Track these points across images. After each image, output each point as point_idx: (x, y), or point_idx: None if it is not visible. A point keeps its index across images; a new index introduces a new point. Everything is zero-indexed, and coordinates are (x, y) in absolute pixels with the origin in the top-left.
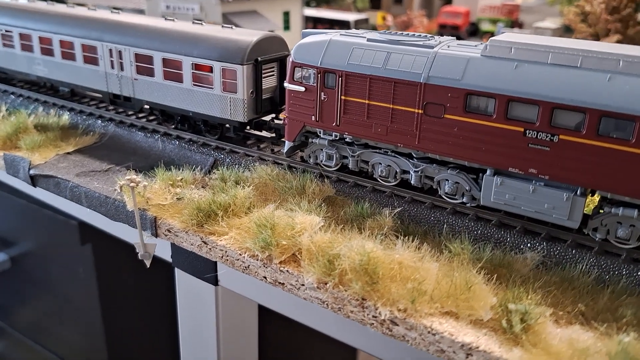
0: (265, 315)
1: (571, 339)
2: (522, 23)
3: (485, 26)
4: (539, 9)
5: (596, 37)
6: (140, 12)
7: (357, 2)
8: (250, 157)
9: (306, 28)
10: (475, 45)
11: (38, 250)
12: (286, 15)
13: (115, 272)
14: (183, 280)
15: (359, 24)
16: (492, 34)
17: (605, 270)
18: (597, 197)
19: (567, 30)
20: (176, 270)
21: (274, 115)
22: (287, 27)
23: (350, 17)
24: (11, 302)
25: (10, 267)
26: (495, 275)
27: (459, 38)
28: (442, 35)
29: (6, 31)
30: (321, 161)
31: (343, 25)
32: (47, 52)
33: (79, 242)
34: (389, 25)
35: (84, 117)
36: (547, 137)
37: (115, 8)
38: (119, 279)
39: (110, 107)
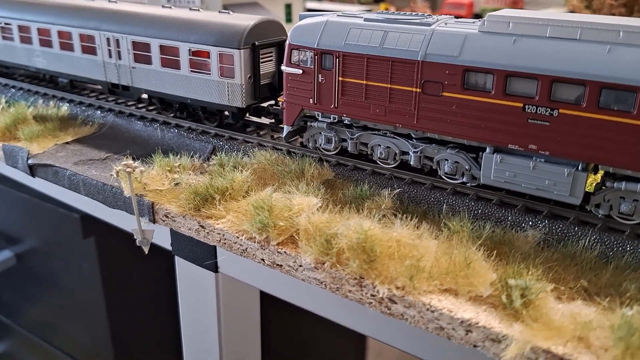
0: (268, 302)
1: (573, 314)
2: None
3: None
4: (544, 0)
5: None
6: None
7: None
8: (249, 144)
9: None
10: (473, 22)
11: (42, 245)
12: (288, 7)
13: (118, 265)
14: (183, 268)
15: None
16: None
17: (608, 246)
18: (599, 175)
19: None
20: (176, 258)
21: (273, 102)
22: (289, 19)
23: (354, 9)
24: (17, 300)
25: (15, 264)
26: (496, 252)
27: None
28: None
29: (5, 24)
30: (320, 145)
31: None
32: (46, 43)
33: (82, 235)
34: None
35: (84, 108)
36: (546, 111)
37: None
38: (122, 272)
39: (110, 98)
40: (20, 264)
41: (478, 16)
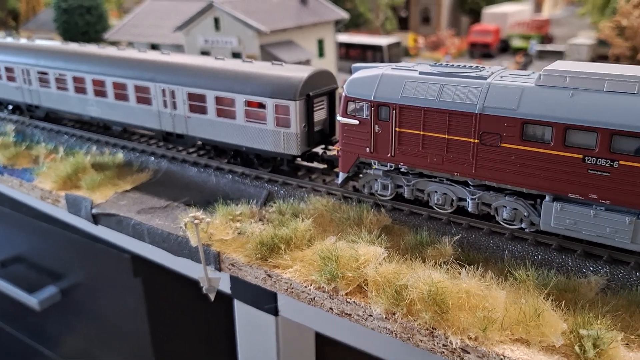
0: (321, 342)
1: None
2: (552, 37)
3: (516, 43)
4: (567, 21)
5: (634, 50)
6: (179, 47)
7: (385, 24)
8: (303, 189)
9: (339, 54)
10: (528, 75)
11: (88, 282)
12: (320, 43)
13: (165, 303)
14: (243, 311)
15: (391, 48)
16: (524, 50)
17: None
18: None
19: (601, 44)
20: (235, 301)
21: (323, 146)
22: (321, 54)
23: (383, 41)
24: (60, 333)
25: (60, 300)
26: (563, 301)
27: (489, 56)
28: (472, 53)
29: (60, 75)
30: (376, 191)
31: (376, 50)
32: (100, 93)
33: (132, 274)
34: (419, 48)
35: (137, 154)
36: (607, 162)
37: (153, 45)
38: (169, 310)
39: (161, 144)
40: (65, 299)
41: (505, 42)
